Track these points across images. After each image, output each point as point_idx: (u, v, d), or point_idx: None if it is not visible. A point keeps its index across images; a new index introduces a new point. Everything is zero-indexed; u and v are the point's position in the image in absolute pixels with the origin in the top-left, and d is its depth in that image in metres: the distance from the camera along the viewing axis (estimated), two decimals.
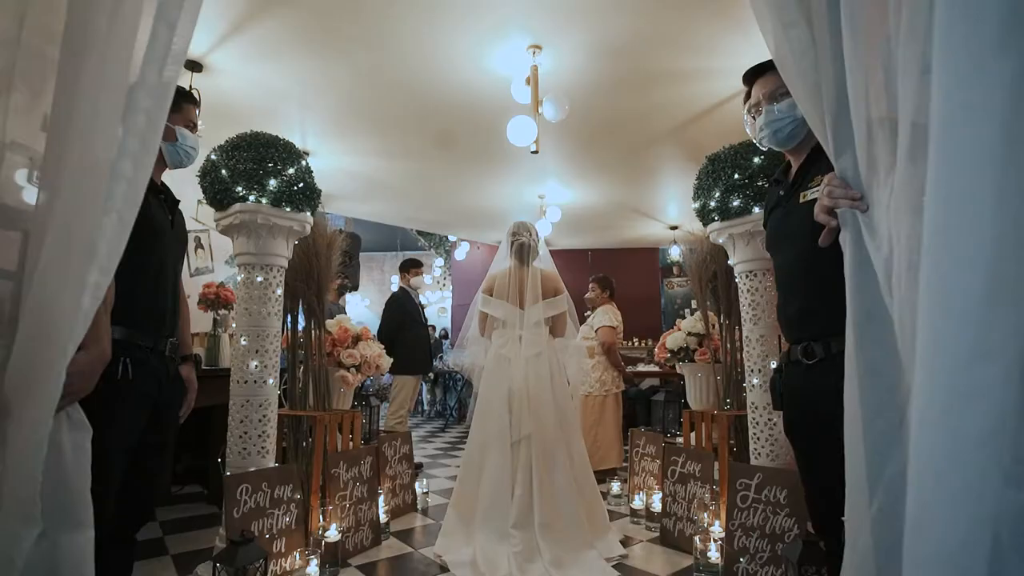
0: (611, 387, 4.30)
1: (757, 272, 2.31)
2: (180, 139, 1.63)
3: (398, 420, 4.33)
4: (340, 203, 6.27)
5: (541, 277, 2.85)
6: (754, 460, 2.27)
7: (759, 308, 2.29)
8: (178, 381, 1.63)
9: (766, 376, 2.25)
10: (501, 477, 2.51)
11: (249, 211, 2.21)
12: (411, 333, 4.57)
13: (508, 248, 2.95)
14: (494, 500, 2.49)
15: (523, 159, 4.85)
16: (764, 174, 2.25)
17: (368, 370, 2.93)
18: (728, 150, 2.37)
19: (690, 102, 3.77)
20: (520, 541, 2.36)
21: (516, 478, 2.49)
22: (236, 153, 2.23)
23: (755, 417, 2.26)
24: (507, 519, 2.44)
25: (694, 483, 2.61)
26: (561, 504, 2.47)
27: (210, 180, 2.24)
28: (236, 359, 2.24)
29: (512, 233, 2.98)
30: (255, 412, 2.21)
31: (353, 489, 2.60)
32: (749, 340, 2.31)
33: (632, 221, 7.04)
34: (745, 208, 2.28)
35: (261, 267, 2.30)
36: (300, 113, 4.09)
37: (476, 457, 2.66)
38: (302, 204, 2.35)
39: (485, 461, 2.59)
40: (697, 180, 2.48)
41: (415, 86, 3.61)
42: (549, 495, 2.47)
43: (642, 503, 3.04)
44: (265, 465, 2.22)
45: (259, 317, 2.27)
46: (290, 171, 2.29)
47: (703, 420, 2.72)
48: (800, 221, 1.35)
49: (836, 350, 1.24)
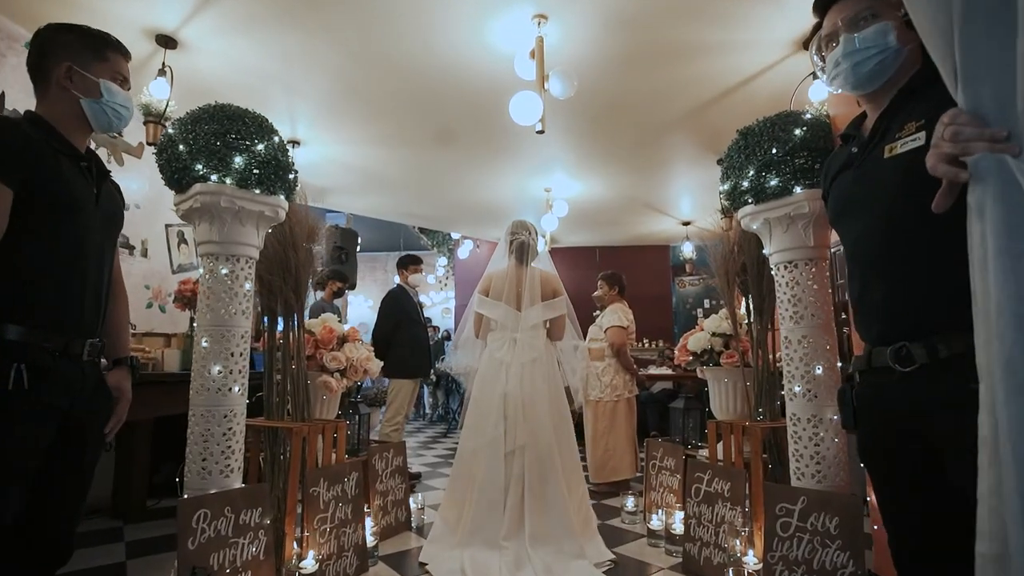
0: (623, 392, 3.98)
1: (798, 262, 1.99)
2: (106, 95, 1.34)
3: (393, 427, 4.02)
4: (335, 197, 5.98)
5: (540, 278, 2.78)
6: (795, 481, 1.95)
7: (801, 304, 1.97)
8: (102, 391, 1.34)
9: (810, 383, 1.93)
10: (494, 488, 2.48)
11: (211, 192, 1.91)
12: (408, 333, 4.27)
13: (507, 247, 2.88)
14: (486, 511, 2.46)
15: (527, 147, 4.54)
16: (807, 149, 1.93)
17: (355, 375, 2.63)
18: (764, 122, 2.05)
19: (710, 80, 3.46)
20: (512, 551, 2.34)
21: (509, 488, 2.46)
22: (196, 126, 1.93)
23: (797, 431, 1.94)
24: (499, 530, 2.41)
25: (722, 504, 2.30)
26: (552, 515, 2.45)
27: (167, 157, 1.95)
28: (196, 364, 1.95)
29: (511, 232, 2.91)
30: (217, 425, 1.91)
31: (335, 510, 2.30)
32: (789, 341, 2.00)
33: (642, 216, 6.72)
34: (784, 188, 1.96)
35: (226, 258, 2.00)
36: (287, 98, 3.81)
37: (467, 464, 2.62)
38: (274, 186, 2.05)
39: (476, 469, 2.55)
40: (726, 158, 2.17)
41: (409, 64, 3.31)
42: (540, 507, 2.45)
43: (661, 523, 2.73)
44: (229, 486, 1.92)
45: (223, 315, 1.97)
46: (259, 147, 1.99)
47: (732, 432, 2.40)
48: (888, 180, 1.04)
49: (947, 353, 0.93)
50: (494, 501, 2.45)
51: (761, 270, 2.38)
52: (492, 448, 2.52)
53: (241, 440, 1.99)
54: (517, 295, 2.75)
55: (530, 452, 2.50)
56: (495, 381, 2.63)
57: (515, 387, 2.58)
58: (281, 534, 2.12)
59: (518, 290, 2.76)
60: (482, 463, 2.52)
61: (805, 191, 1.93)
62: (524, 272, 2.80)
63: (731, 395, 2.64)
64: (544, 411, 2.58)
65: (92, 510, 3.20)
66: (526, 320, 2.71)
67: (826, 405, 1.91)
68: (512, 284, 2.77)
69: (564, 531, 2.43)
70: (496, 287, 2.79)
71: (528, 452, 2.50)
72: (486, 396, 2.64)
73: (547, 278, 2.83)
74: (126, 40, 1.45)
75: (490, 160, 4.89)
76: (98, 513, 3.18)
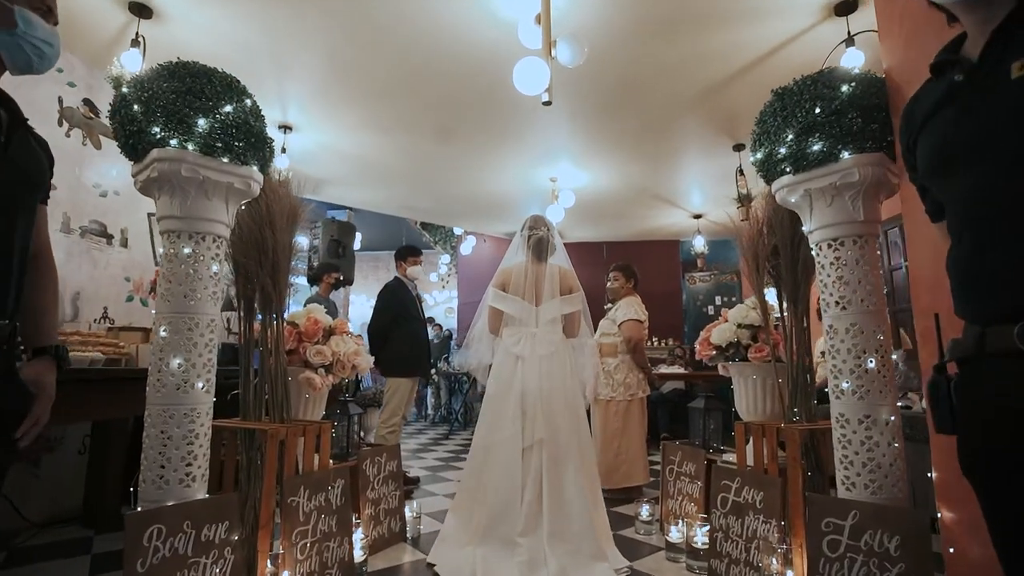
0: (636, 391, 3.72)
1: (845, 240, 1.73)
2: (22, 25, 1.09)
3: (390, 429, 3.77)
4: (332, 189, 5.74)
5: (559, 274, 2.78)
6: (843, 492, 1.69)
7: (849, 288, 1.71)
8: (14, 385, 1.10)
9: (860, 379, 1.67)
10: (511, 484, 2.43)
11: (169, 159, 1.67)
12: (406, 329, 4.02)
13: (524, 243, 2.84)
14: (503, 508, 2.40)
15: (532, 132, 4.29)
16: (857, 107, 1.67)
17: (342, 371, 2.38)
18: (804, 80, 1.79)
19: (730, 53, 3.20)
20: (526, 550, 2.28)
21: (526, 484, 2.41)
22: (154, 84, 1.69)
23: (846, 434, 1.68)
24: (515, 528, 2.35)
25: (754, 516, 2.03)
26: (572, 513, 2.38)
27: (120, 119, 1.70)
28: (154, 356, 1.70)
29: (529, 227, 2.86)
30: (177, 427, 1.66)
31: (318, 522, 2.05)
32: (835, 331, 1.73)
33: (652, 209, 6.45)
34: (830, 153, 1.69)
35: (189, 235, 1.76)
36: (276, 77, 3.57)
37: (481, 459, 2.57)
38: (246, 155, 1.81)
39: (493, 465, 2.51)
40: (759, 123, 1.91)
41: (407, 34, 3.06)
42: (559, 503, 2.39)
43: (681, 535, 2.46)
44: (191, 496, 1.67)
45: (186, 301, 1.73)
46: (226, 109, 1.74)
47: (764, 434, 2.13)
48: (1019, 108, 0.78)
49: None
50: (510, 498, 2.40)
51: (796, 252, 2.12)
52: (509, 444, 2.48)
53: (206, 444, 1.74)
54: (536, 290, 2.74)
55: (548, 447, 2.46)
56: (511, 376, 2.61)
57: (533, 381, 2.56)
58: (253, 551, 1.87)
59: (537, 285, 2.75)
60: (499, 459, 2.49)
61: (855, 156, 1.67)
62: (543, 268, 2.79)
63: (759, 393, 2.37)
64: (562, 405, 2.55)
65: (63, 519, 2.96)
66: (544, 315, 2.70)
67: (880, 404, 1.64)
68: (530, 279, 2.75)
69: (583, 530, 2.35)
70: (515, 282, 2.76)
71: (547, 447, 2.46)
72: (502, 391, 2.61)
73: (565, 274, 2.82)
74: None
75: (493, 148, 4.64)
76: (68, 522, 2.94)
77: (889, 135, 1.67)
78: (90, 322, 3.29)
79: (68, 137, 3.26)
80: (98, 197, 3.42)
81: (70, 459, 3.09)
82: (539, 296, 2.73)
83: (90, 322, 3.29)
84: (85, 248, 3.36)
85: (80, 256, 3.33)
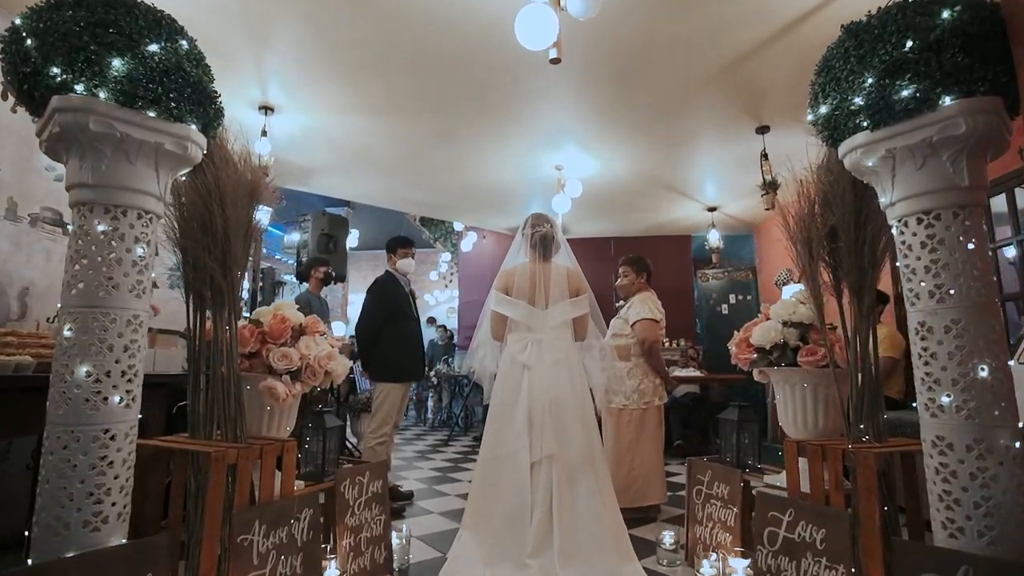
0: (652, 398, 3.33)
1: (942, 212, 1.35)
2: None
3: (379, 440, 3.39)
4: (322, 179, 5.37)
5: (565, 274, 2.62)
6: (945, 539, 1.31)
7: (949, 274, 1.33)
8: None
9: (967, 392, 1.28)
10: (518, 502, 2.29)
11: (73, 108, 1.30)
12: (398, 328, 3.63)
13: (526, 241, 2.69)
14: (510, 527, 2.28)
15: (536, 112, 3.90)
16: (961, 38, 1.28)
17: (312, 378, 2.00)
18: (888, 9, 1.41)
19: (756, 19, 2.82)
20: (538, 571, 2.16)
21: (535, 501, 2.28)
22: (56, 14, 1.32)
23: (948, 463, 1.29)
24: (525, 547, 2.23)
25: (814, 559, 1.65)
26: (584, 531, 2.26)
27: (11, 57, 1.33)
28: (56, 363, 1.33)
29: (531, 224, 2.70)
30: (83, 453, 1.29)
31: (277, 564, 1.67)
32: (928, 330, 1.35)
33: (663, 201, 6.07)
34: (925, 99, 1.31)
35: (105, 209, 1.38)
36: (252, 49, 3.20)
37: (489, 474, 2.45)
38: (180, 110, 1.44)
39: (500, 480, 2.38)
40: (822, 70, 1.53)
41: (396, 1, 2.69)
42: (570, 521, 2.26)
43: (715, 571, 2.08)
44: (101, 543, 1.30)
45: (98, 291, 1.35)
46: (151, 48, 1.37)
47: (823, 456, 1.74)
48: None
49: None
50: (518, 516, 2.28)
51: (861, 232, 1.74)
52: (516, 459, 2.35)
53: (126, 475, 1.37)
54: (543, 292, 2.57)
55: (559, 462, 2.32)
56: (518, 386, 2.46)
57: (540, 391, 2.41)
58: None
59: (544, 287, 2.58)
60: (506, 474, 2.36)
61: (960, 101, 1.29)
62: (548, 268, 2.62)
63: (809, 405, 1.99)
64: (572, 417, 2.41)
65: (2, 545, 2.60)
66: (551, 318, 2.53)
67: (997, 425, 1.26)
68: (535, 281, 2.58)
69: (596, 547, 2.23)
70: (519, 284, 2.58)
71: (556, 462, 2.32)
72: (508, 402, 2.47)
73: (571, 274, 2.66)
74: None
75: (495, 130, 4.26)
76: (8, 549, 2.57)
77: (1005, 75, 1.29)
78: (39, 321, 2.92)
79: (15, 113, 2.89)
80: (52, 181, 3.06)
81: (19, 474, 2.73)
82: (546, 299, 2.57)
83: (39, 321, 2.92)
84: (36, 238, 3.00)
85: (30, 247, 2.97)
